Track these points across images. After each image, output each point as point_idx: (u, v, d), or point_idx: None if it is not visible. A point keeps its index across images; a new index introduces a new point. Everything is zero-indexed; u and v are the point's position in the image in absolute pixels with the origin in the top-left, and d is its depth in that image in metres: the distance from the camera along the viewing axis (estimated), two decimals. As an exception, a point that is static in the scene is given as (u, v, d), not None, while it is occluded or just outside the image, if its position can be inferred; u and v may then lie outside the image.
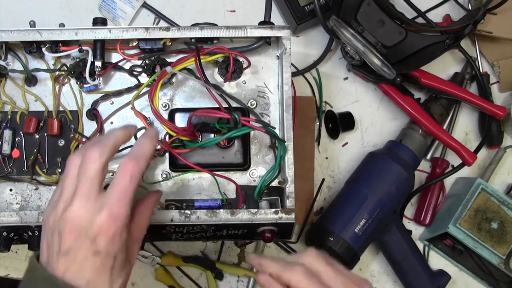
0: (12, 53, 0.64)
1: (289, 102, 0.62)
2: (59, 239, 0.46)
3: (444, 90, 0.81)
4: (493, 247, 0.78)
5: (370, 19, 0.75)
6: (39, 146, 0.64)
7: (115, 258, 0.47)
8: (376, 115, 0.87)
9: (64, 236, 0.46)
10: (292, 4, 0.81)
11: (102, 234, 0.45)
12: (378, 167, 0.78)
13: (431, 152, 0.86)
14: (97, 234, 0.45)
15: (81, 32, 0.61)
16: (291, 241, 0.82)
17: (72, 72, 0.63)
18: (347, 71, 0.87)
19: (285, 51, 0.62)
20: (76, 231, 0.46)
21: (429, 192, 0.85)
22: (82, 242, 0.46)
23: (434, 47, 0.75)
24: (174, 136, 0.60)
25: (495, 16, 0.84)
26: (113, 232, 0.46)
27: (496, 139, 0.86)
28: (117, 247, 0.47)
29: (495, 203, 0.79)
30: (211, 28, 0.62)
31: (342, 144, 0.86)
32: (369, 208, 0.75)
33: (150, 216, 0.53)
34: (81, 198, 0.46)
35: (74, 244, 0.46)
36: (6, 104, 0.64)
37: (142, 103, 0.65)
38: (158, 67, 0.64)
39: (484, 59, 0.88)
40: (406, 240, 0.79)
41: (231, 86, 0.66)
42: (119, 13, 0.83)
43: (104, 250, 0.46)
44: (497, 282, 0.83)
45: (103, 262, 0.46)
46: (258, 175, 0.65)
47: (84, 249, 0.46)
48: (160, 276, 0.81)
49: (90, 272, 0.46)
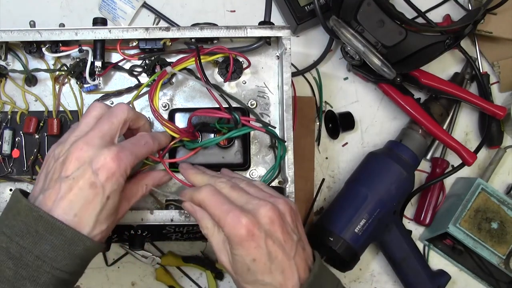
0: (12, 53, 0.64)
1: (289, 102, 0.62)
2: (61, 166, 0.49)
3: (444, 90, 0.81)
4: (493, 247, 0.78)
5: (370, 19, 0.75)
6: (39, 146, 0.64)
7: (107, 198, 0.49)
8: (376, 115, 0.87)
9: (68, 162, 0.49)
10: (292, 4, 0.81)
11: (104, 168, 0.49)
12: (378, 167, 0.78)
13: (431, 152, 0.86)
14: (100, 167, 0.49)
15: (81, 32, 0.61)
16: (291, 241, 0.82)
17: (72, 72, 0.63)
18: (347, 71, 0.87)
19: (285, 51, 0.62)
20: (82, 159, 0.49)
21: (429, 192, 0.85)
22: (84, 171, 0.48)
23: (434, 47, 0.75)
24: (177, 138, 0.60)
25: (495, 16, 0.84)
26: (114, 170, 0.49)
27: (496, 139, 0.86)
28: (112, 187, 0.49)
29: (495, 203, 0.79)
30: (211, 28, 0.62)
31: (342, 144, 0.86)
32: (369, 208, 0.75)
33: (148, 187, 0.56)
34: (96, 133, 0.51)
35: (77, 171, 0.49)
36: (6, 104, 0.64)
37: (142, 103, 0.65)
38: (158, 67, 0.64)
39: (484, 59, 0.88)
40: (406, 240, 0.79)
41: (231, 86, 0.66)
42: (119, 13, 0.83)
43: (101, 184, 0.49)
44: (497, 282, 0.83)
45: (96, 196, 0.49)
46: (258, 175, 0.65)
47: (83, 178, 0.48)
48: (160, 276, 0.81)
49: (80, 204, 0.48)
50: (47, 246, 0.47)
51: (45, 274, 0.47)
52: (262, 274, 0.50)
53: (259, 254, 0.49)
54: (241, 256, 0.50)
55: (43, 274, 0.47)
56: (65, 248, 0.48)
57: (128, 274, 0.82)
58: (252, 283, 0.51)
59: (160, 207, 0.63)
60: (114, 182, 0.49)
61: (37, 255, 0.47)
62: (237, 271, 0.51)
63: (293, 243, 0.51)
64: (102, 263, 0.81)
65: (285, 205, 0.52)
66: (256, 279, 0.50)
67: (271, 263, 0.50)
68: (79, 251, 0.48)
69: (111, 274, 0.81)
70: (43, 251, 0.47)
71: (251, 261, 0.49)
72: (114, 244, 0.80)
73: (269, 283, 0.50)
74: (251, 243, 0.49)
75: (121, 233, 0.64)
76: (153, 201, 0.64)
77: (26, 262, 0.47)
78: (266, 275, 0.50)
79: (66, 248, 0.48)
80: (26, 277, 0.46)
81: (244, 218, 0.49)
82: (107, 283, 0.81)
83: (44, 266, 0.47)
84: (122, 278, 0.81)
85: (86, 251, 0.49)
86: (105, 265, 0.81)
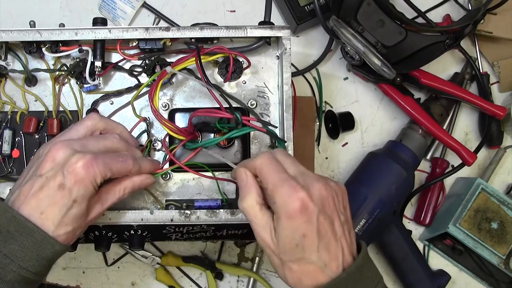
0: (12, 53, 0.64)
1: (289, 102, 0.62)
2: (39, 164, 0.51)
3: (444, 90, 0.81)
4: (493, 247, 0.78)
5: (370, 19, 0.75)
6: (39, 146, 0.63)
7: (74, 201, 0.50)
8: (376, 115, 0.87)
9: (44, 161, 0.51)
10: (292, 4, 0.81)
11: (73, 172, 0.50)
12: (378, 167, 0.78)
13: (431, 152, 0.86)
14: (71, 171, 0.50)
15: (81, 32, 0.61)
16: (291, 241, 0.82)
17: (72, 72, 0.63)
18: (347, 71, 0.87)
19: (285, 51, 0.62)
20: (57, 160, 0.51)
21: (429, 192, 0.85)
22: (56, 172, 0.50)
23: (434, 47, 0.75)
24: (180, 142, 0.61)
25: (495, 16, 0.84)
26: (82, 176, 0.50)
27: (496, 139, 0.86)
28: (79, 192, 0.50)
29: (495, 203, 0.79)
30: (211, 28, 0.62)
31: (342, 144, 0.86)
32: (369, 208, 0.75)
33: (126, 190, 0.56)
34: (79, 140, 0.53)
35: (50, 171, 0.50)
36: (6, 104, 0.64)
37: (142, 103, 0.65)
38: (158, 67, 0.64)
39: (484, 59, 0.88)
40: (406, 240, 0.79)
41: (231, 86, 0.66)
42: (119, 13, 0.83)
43: (69, 187, 0.50)
44: (497, 282, 0.84)
45: (62, 198, 0.50)
46: (258, 175, 0.65)
47: (54, 179, 0.50)
48: (160, 276, 0.81)
49: (47, 203, 0.50)
50: (17, 246, 0.48)
51: (12, 272, 0.48)
52: (309, 251, 0.48)
53: (309, 230, 0.48)
54: (290, 230, 0.48)
55: (10, 272, 0.48)
56: (34, 249, 0.49)
57: (128, 274, 0.82)
58: (298, 261, 0.49)
59: (160, 207, 0.63)
60: (81, 187, 0.50)
61: (5, 254, 0.48)
62: (283, 248, 0.49)
63: (341, 223, 0.50)
64: (102, 263, 0.81)
65: (337, 185, 0.51)
66: (302, 256, 0.48)
67: (320, 241, 0.48)
68: (47, 253, 0.50)
69: (111, 274, 0.81)
70: (12, 250, 0.48)
71: (300, 236, 0.48)
72: (114, 244, 0.80)
73: (314, 261, 0.48)
74: (303, 217, 0.47)
75: (121, 233, 0.64)
76: (153, 201, 0.64)
77: None
78: (313, 252, 0.48)
79: (35, 249, 0.49)
80: None
81: (300, 190, 0.48)
82: (107, 283, 0.81)
83: (11, 265, 0.48)
84: (122, 278, 0.81)
85: (53, 253, 0.50)
86: (105, 265, 0.81)
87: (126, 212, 0.60)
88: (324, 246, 0.48)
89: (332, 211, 0.49)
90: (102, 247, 0.65)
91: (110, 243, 0.65)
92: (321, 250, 0.48)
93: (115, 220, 0.60)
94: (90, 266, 0.81)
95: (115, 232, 0.64)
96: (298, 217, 0.47)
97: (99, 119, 0.56)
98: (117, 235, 0.65)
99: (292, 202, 0.47)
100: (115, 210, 0.60)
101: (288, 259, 0.49)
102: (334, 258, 0.49)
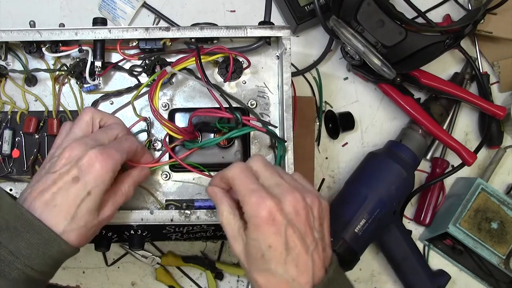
0: (12, 53, 0.64)
1: (289, 102, 0.62)
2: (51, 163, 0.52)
3: (444, 90, 0.81)
4: (493, 247, 0.78)
5: (370, 19, 0.75)
6: (39, 146, 0.64)
7: (88, 193, 0.50)
8: (376, 115, 0.87)
9: (58, 161, 0.51)
10: (292, 4, 0.81)
11: (88, 164, 0.50)
12: (378, 167, 0.78)
13: (431, 152, 0.86)
14: (85, 163, 0.50)
15: (81, 32, 0.61)
16: (291, 241, 0.82)
17: (72, 72, 0.63)
18: (347, 71, 0.87)
19: (285, 51, 0.62)
20: (71, 158, 0.51)
21: (429, 192, 0.85)
22: (71, 167, 0.50)
23: (434, 47, 0.75)
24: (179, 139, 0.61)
25: (495, 16, 0.84)
26: (98, 168, 0.50)
27: (496, 139, 0.86)
28: (95, 183, 0.50)
29: (495, 203, 0.79)
30: (211, 28, 0.62)
31: (342, 144, 0.86)
32: (369, 208, 0.75)
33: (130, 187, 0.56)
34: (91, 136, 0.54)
35: (64, 168, 0.51)
36: (6, 104, 0.64)
37: (142, 103, 0.65)
38: (158, 67, 0.64)
39: (484, 59, 0.88)
40: (406, 240, 0.79)
41: (231, 86, 0.66)
42: (119, 13, 0.83)
43: (84, 179, 0.50)
44: (497, 282, 0.83)
45: (77, 190, 0.50)
46: (258, 175, 0.65)
47: (68, 174, 0.50)
48: (160, 276, 0.81)
49: (60, 196, 0.50)
50: (23, 243, 0.48)
51: (16, 270, 0.48)
52: (276, 264, 0.47)
53: (276, 241, 0.47)
54: (257, 240, 0.47)
55: (14, 270, 0.48)
56: (40, 247, 0.48)
57: (128, 274, 0.82)
58: (264, 272, 0.48)
59: (160, 207, 0.63)
60: (97, 178, 0.50)
61: (11, 251, 0.48)
62: (250, 258, 0.48)
63: (314, 239, 0.49)
64: (102, 263, 0.81)
65: (314, 199, 0.50)
66: (268, 267, 0.47)
67: (287, 254, 0.47)
68: (53, 252, 0.49)
69: (111, 274, 0.81)
70: (18, 247, 0.48)
71: (267, 247, 0.47)
72: (114, 244, 0.80)
73: (281, 274, 0.47)
74: (270, 228, 0.47)
75: (121, 233, 0.64)
76: (153, 201, 0.64)
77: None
78: (280, 265, 0.47)
79: (41, 247, 0.48)
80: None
81: (269, 200, 0.47)
82: (107, 283, 0.81)
83: (16, 262, 0.48)
84: (122, 278, 0.81)
85: (59, 253, 0.50)
86: (105, 265, 0.81)
87: (126, 212, 0.60)
88: (292, 259, 0.47)
89: (304, 225, 0.48)
90: (102, 247, 0.65)
91: (110, 243, 0.66)
92: (288, 264, 0.47)
93: (115, 220, 0.60)
94: (90, 266, 0.81)
95: (115, 232, 0.64)
96: (265, 227, 0.47)
97: (94, 111, 0.57)
98: (117, 235, 0.65)
99: (260, 212, 0.47)
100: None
101: (255, 269, 0.49)
102: (303, 272, 0.47)
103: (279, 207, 0.47)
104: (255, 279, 0.49)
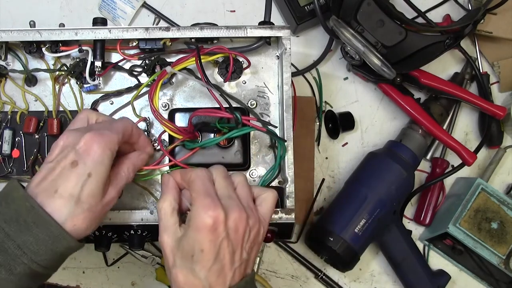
0: (12, 53, 0.64)
1: (289, 102, 0.62)
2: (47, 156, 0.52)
3: (444, 90, 0.81)
4: (493, 247, 0.78)
5: (370, 19, 0.75)
6: (39, 146, 0.64)
7: (89, 175, 0.50)
8: (376, 115, 0.87)
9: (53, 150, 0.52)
10: (292, 4, 0.81)
11: (85, 146, 0.50)
12: (378, 167, 0.78)
13: (431, 152, 0.86)
14: (82, 146, 0.50)
15: (81, 32, 0.61)
16: (291, 241, 0.82)
17: (72, 72, 0.63)
18: (347, 71, 0.87)
19: (285, 51, 0.62)
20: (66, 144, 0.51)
21: (429, 192, 0.85)
22: (68, 153, 0.50)
23: (434, 47, 0.75)
24: (179, 139, 0.60)
25: (495, 16, 0.84)
26: (95, 149, 0.50)
27: (496, 139, 0.86)
28: (94, 164, 0.50)
29: (495, 203, 0.79)
30: (211, 28, 0.62)
31: (342, 144, 0.86)
32: (369, 208, 0.75)
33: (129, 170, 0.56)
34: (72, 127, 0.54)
35: (60, 155, 0.51)
36: (6, 104, 0.64)
37: (142, 103, 0.65)
38: (158, 67, 0.64)
39: (484, 59, 0.88)
40: (406, 240, 0.79)
41: (231, 86, 0.66)
42: (119, 13, 0.83)
43: (83, 161, 0.50)
44: (497, 282, 0.84)
45: (76, 173, 0.49)
46: (258, 175, 0.65)
47: (66, 159, 0.50)
48: (160, 276, 0.81)
49: (61, 181, 0.49)
50: (31, 238, 0.48)
51: (22, 264, 0.47)
52: (201, 267, 0.50)
53: (210, 249, 0.49)
54: (193, 240, 0.50)
55: (20, 264, 0.47)
56: (48, 244, 0.48)
57: (128, 274, 0.82)
58: (187, 270, 0.50)
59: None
60: (96, 159, 0.50)
61: (18, 244, 0.47)
62: (181, 253, 0.51)
63: (241, 257, 0.52)
64: (102, 263, 0.81)
65: (256, 223, 0.53)
66: (193, 268, 0.50)
67: (214, 263, 0.50)
68: (60, 249, 0.49)
69: (111, 274, 0.81)
70: (25, 242, 0.47)
71: (199, 250, 0.49)
72: (114, 244, 0.80)
73: (201, 278, 0.50)
74: (209, 235, 0.49)
75: (121, 233, 0.64)
76: (153, 201, 0.64)
77: (6, 248, 0.47)
78: (204, 270, 0.50)
79: (50, 244, 0.48)
80: (2, 264, 0.47)
81: (219, 209, 0.49)
82: (107, 283, 0.81)
83: (22, 257, 0.47)
84: (122, 278, 0.81)
85: (67, 249, 0.50)
86: (105, 265, 0.81)
87: (126, 212, 0.60)
88: (216, 269, 0.50)
89: (238, 242, 0.51)
90: (102, 247, 0.65)
91: (110, 243, 0.65)
92: (212, 271, 0.50)
93: (115, 220, 0.60)
94: (90, 266, 0.81)
95: (115, 232, 0.64)
96: (205, 232, 0.49)
97: (90, 111, 0.57)
98: (117, 235, 0.65)
99: (206, 217, 0.49)
100: (115, 210, 0.60)
101: (180, 265, 0.51)
102: (220, 283, 0.50)
103: (223, 219, 0.50)
104: (176, 274, 0.51)
